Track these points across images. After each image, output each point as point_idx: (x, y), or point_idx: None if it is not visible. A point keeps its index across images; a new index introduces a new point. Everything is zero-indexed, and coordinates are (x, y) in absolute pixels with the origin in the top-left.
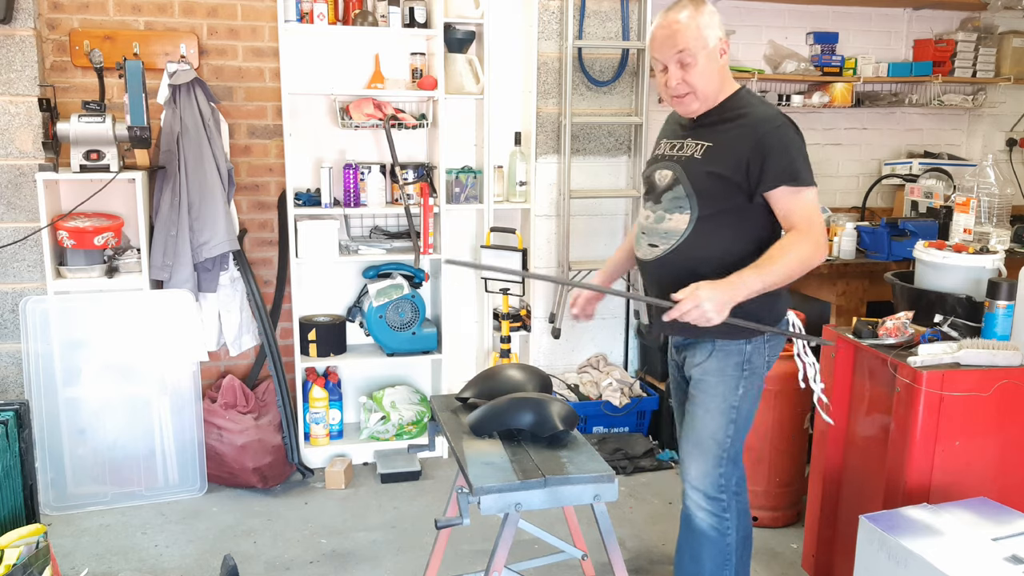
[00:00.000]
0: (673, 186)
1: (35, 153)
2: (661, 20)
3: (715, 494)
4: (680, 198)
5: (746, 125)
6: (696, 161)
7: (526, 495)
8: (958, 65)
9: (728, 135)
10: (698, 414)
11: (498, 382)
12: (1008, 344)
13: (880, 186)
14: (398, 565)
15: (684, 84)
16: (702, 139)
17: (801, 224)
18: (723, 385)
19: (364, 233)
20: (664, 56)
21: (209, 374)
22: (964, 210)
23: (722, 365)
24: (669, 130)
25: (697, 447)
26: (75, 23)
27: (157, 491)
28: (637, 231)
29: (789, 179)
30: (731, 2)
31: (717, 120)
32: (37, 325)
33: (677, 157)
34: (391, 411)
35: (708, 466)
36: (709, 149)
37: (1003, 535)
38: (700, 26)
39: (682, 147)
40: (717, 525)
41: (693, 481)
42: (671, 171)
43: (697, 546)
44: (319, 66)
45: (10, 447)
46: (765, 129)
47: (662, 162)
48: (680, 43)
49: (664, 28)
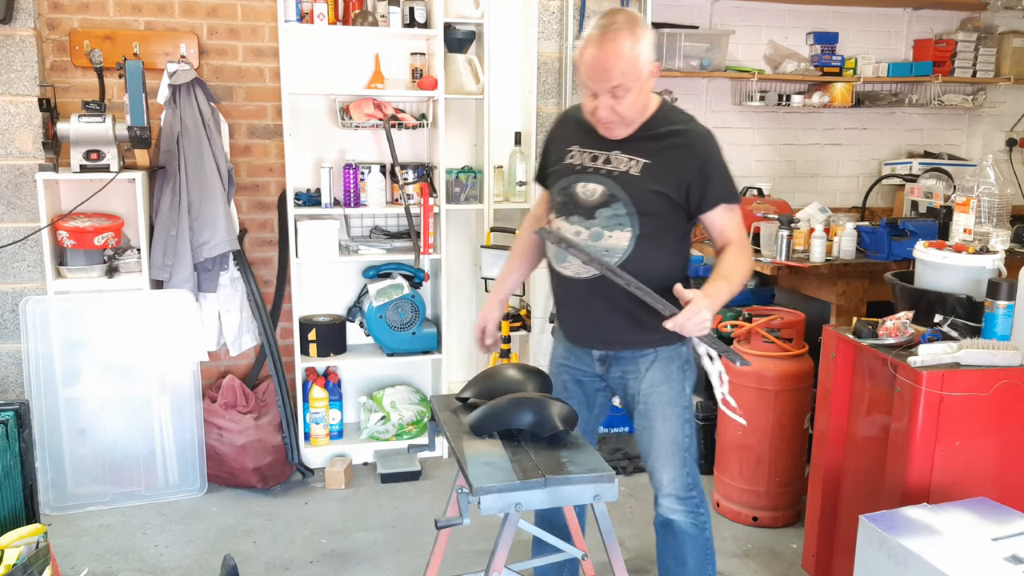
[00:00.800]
0: (610, 203)
1: (35, 153)
2: (597, 48)
3: (687, 494)
4: (620, 216)
5: (684, 145)
6: (635, 178)
7: (526, 495)
8: (958, 65)
9: (667, 155)
10: (656, 425)
11: (498, 382)
12: (1008, 344)
13: (880, 186)
14: (398, 565)
15: (614, 113)
16: (635, 155)
17: (740, 238)
18: (673, 391)
19: (364, 233)
20: (597, 87)
21: (209, 374)
22: (964, 210)
23: (667, 371)
24: (577, 136)
25: (663, 455)
26: (75, 23)
27: (157, 491)
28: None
29: (729, 199)
30: (731, 2)
31: (647, 136)
32: (37, 325)
33: (607, 171)
34: (391, 411)
35: (677, 470)
36: (648, 167)
37: (1003, 535)
38: (637, 57)
39: (608, 160)
40: (695, 522)
41: (666, 489)
42: (603, 186)
43: (679, 548)
44: (319, 66)
45: (10, 447)
46: (705, 151)
47: (585, 174)
48: (616, 78)
49: (600, 58)
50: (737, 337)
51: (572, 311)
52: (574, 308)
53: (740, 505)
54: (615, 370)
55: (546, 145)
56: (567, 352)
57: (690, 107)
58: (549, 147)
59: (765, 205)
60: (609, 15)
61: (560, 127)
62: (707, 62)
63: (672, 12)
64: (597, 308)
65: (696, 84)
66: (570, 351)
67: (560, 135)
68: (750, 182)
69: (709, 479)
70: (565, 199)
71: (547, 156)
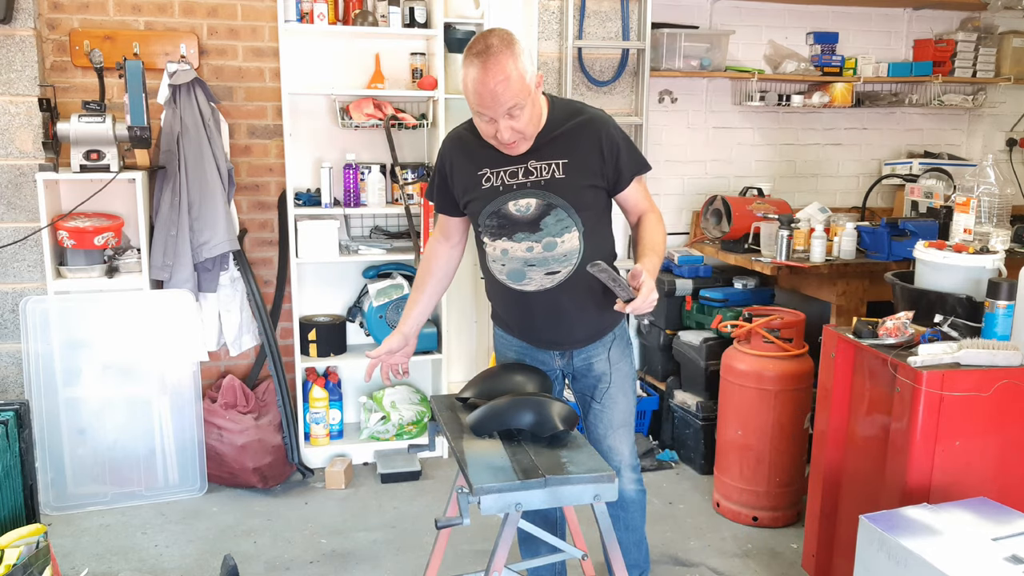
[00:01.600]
0: (549, 211)
1: (35, 153)
2: (482, 75)
3: (636, 461)
4: (563, 219)
5: (589, 133)
6: (562, 180)
7: (526, 495)
8: (958, 65)
9: (578, 147)
10: (619, 400)
11: (498, 382)
12: (1008, 344)
13: (880, 186)
14: (398, 565)
15: (515, 132)
16: (551, 158)
17: (651, 205)
18: (628, 365)
19: (364, 233)
20: (492, 112)
21: (209, 374)
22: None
23: (622, 348)
24: (482, 159)
25: (623, 428)
26: (75, 23)
27: (157, 491)
28: (510, 268)
29: (639, 169)
30: (731, 2)
31: (552, 137)
32: (37, 325)
33: (532, 183)
34: (391, 411)
35: (631, 441)
36: (568, 165)
37: (1003, 535)
38: (522, 72)
39: (528, 171)
40: (639, 487)
41: (627, 460)
42: (535, 198)
43: (630, 517)
44: (319, 66)
45: (10, 447)
46: (608, 131)
47: (511, 192)
48: (508, 100)
49: (488, 85)
50: (737, 337)
51: (536, 322)
52: (539, 319)
53: (740, 505)
54: (578, 358)
55: (444, 176)
56: (520, 355)
57: (690, 107)
58: (451, 177)
59: (765, 205)
60: (482, 39)
61: (456, 154)
62: (707, 62)
63: (672, 12)
64: (565, 312)
65: (696, 84)
66: (524, 353)
67: (461, 163)
68: (750, 182)
69: (709, 479)
70: (500, 221)
71: (452, 187)
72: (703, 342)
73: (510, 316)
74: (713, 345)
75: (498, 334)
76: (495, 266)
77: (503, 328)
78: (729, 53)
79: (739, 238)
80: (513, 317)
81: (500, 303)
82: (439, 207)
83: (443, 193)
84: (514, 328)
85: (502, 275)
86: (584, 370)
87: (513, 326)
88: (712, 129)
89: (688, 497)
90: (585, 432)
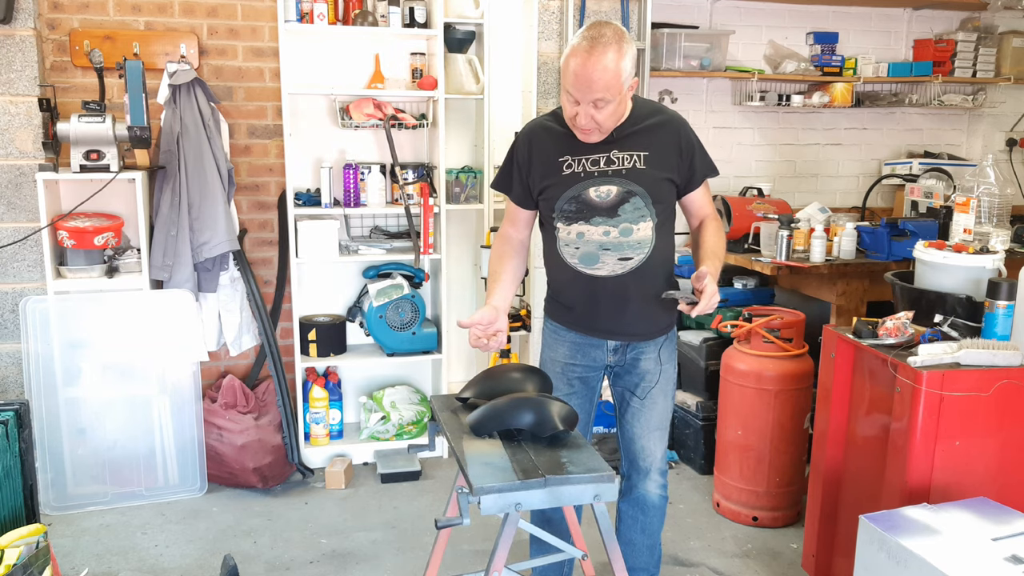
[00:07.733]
0: (628, 199)
1: (35, 153)
2: (585, 60)
3: (664, 466)
4: (640, 208)
5: (669, 131)
6: (643, 171)
7: (526, 495)
8: (958, 65)
9: (659, 143)
10: (659, 402)
11: (498, 382)
12: (1008, 344)
13: (880, 186)
14: (398, 565)
15: (592, 122)
16: (632, 150)
17: (714, 212)
18: (673, 369)
19: (364, 233)
20: (580, 96)
21: (209, 374)
22: (964, 210)
23: (671, 351)
24: (563, 146)
25: (659, 431)
26: (75, 23)
27: (157, 491)
28: (584, 251)
29: (710, 172)
30: (731, 2)
31: (634, 131)
32: (37, 325)
33: (614, 171)
34: (391, 411)
35: (665, 445)
36: (649, 158)
37: (1003, 535)
38: (620, 72)
39: (610, 160)
40: (663, 492)
41: (659, 464)
42: (616, 186)
43: (649, 522)
44: (319, 66)
45: (10, 447)
46: (687, 132)
47: (593, 179)
48: (598, 92)
49: (587, 70)
50: (737, 337)
51: (600, 308)
52: (603, 304)
53: (740, 505)
54: (629, 354)
55: (520, 163)
56: (573, 351)
57: (690, 107)
58: (530, 162)
59: (765, 205)
60: (597, 27)
61: (537, 140)
62: (707, 62)
63: (672, 12)
64: (631, 300)
65: (696, 84)
66: (577, 348)
67: (541, 148)
68: (750, 182)
69: (709, 479)
70: (579, 206)
71: (530, 173)
72: (703, 342)
73: (575, 301)
74: (713, 345)
75: (549, 330)
76: (567, 250)
77: (558, 321)
78: (729, 53)
79: (739, 238)
80: (578, 302)
81: (565, 289)
82: (515, 196)
83: (519, 181)
84: (575, 315)
85: (574, 259)
86: (631, 365)
87: (575, 313)
88: (712, 129)
89: (688, 497)
90: (618, 431)
